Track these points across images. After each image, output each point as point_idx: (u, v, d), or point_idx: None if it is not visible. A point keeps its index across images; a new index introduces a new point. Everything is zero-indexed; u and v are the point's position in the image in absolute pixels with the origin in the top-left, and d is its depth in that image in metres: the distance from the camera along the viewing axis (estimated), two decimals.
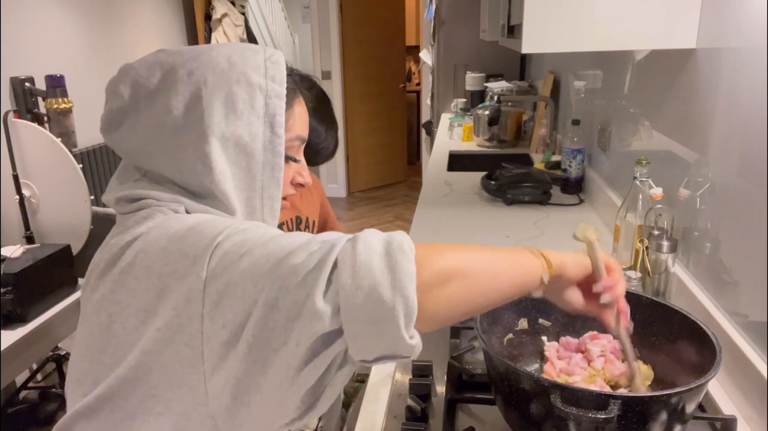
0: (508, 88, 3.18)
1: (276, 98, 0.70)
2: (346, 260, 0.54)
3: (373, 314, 0.53)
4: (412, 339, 0.55)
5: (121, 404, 0.60)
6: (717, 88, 1.12)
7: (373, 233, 0.58)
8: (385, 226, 4.71)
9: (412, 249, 0.56)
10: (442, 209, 2.04)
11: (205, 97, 0.66)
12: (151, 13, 3.74)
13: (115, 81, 0.71)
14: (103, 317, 0.63)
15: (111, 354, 0.61)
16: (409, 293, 0.53)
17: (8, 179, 1.72)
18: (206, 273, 0.57)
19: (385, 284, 0.53)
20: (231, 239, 0.59)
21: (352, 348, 0.55)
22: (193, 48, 0.71)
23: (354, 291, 0.53)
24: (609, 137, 1.86)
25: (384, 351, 0.55)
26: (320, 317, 0.53)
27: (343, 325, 0.54)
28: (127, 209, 0.69)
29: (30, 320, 1.52)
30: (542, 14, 1.25)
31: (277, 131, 0.70)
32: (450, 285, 0.58)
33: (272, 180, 0.71)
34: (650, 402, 0.72)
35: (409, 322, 0.54)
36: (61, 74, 1.95)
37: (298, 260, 0.55)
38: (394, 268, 0.54)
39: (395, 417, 0.95)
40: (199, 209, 0.68)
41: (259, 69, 0.70)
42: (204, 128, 0.66)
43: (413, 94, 6.32)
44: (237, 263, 0.57)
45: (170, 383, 0.59)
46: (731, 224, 1.07)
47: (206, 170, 0.66)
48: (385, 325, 0.53)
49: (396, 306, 0.53)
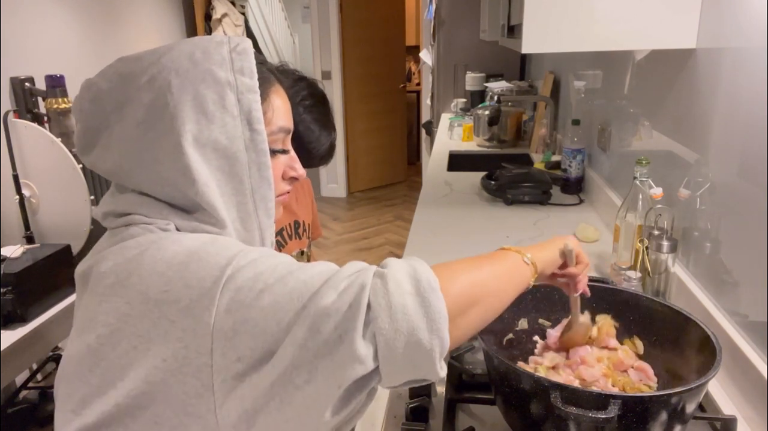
0: (508, 88, 3.17)
1: (248, 93, 0.65)
2: (381, 302, 0.55)
3: (412, 355, 0.55)
4: (443, 370, 0.59)
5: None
6: (717, 88, 1.12)
7: (397, 268, 0.58)
8: (385, 226, 4.71)
9: (438, 284, 0.57)
10: (442, 209, 2.04)
11: (171, 103, 0.61)
12: (151, 13, 3.74)
13: (78, 99, 0.67)
14: (91, 336, 0.60)
15: (99, 375, 0.59)
16: (444, 334, 0.56)
17: (8, 179, 1.72)
18: (216, 308, 0.55)
19: (422, 328, 0.55)
20: (243, 272, 0.57)
21: (384, 381, 0.57)
22: (153, 51, 0.66)
23: (393, 335, 0.54)
24: (609, 137, 1.86)
25: (413, 379, 0.59)
26: (362, 361, 0.54)
27: (380, 366, 0.55)
28: (114, 224, 0.66)
29: (30, 320, 1.52)
30: (542, 14, 1.25)
31: (256, 127, 0.65)
32: (470, 311, 0.62)
33: (262, 180, 0.67)
34: (650, 402, 0.72)
35: (442, 355, 0.57)
36: (61, 74, 1.95)
37: (328, 300, 0.54)
38: (429, 309, 0.55)
39: (395, 417, 0.95)
40: (190, 226, 0.64)
41: (225, 63, 0.64)
42: (177, 138, 0.61)
43: (413, 94, 6.32)
44: (256, 300, 0.55)
45: (176, 412, 0.57)
46: (731, 224, 1.07)
47: (188, 182, 0.62)
48: (421, 363, 0.56)
49: (434, 347, 0.56)
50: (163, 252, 0.60)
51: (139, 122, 0.62)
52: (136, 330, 0.58)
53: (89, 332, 0.61)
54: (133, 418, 0.58)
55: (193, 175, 0.62)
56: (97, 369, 0.59)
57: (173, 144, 0.62)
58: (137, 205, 0.65)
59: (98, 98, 0.65)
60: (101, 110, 0.65)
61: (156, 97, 0.62)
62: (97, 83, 0.66)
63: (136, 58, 0.66)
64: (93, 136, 0.66)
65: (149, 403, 0.57)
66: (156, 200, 0.65)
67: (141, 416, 0.58)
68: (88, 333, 0.61)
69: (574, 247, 0.83)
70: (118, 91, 0.64)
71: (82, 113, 0.66)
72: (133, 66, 0.65)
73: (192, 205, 0.64)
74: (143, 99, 0.63)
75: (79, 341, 0.62)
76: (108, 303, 0.60)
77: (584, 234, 1.67)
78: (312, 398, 0.54)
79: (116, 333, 0.58)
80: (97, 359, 0.59)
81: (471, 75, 3.66)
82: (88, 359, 0.60)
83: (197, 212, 0.65)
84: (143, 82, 0.63)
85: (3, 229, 1.81)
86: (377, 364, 0.55)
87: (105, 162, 0.67)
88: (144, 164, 0.63)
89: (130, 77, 0.64)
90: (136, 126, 0.63)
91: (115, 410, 0.58)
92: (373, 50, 5.40)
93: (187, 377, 0.56)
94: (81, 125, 0.67)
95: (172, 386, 0.56)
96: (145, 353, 0.57)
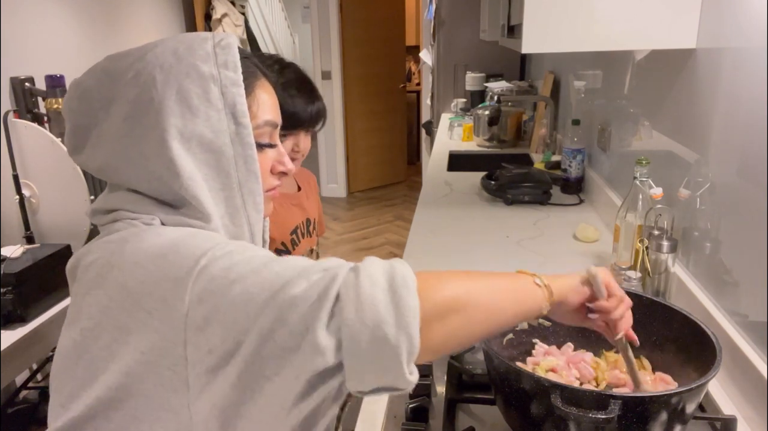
0: (508, 88, 3.17)
1: (232, 86, 0.65)
2: (350, 294, 0.53)
3: (377, 351, 0.52)
4: (411, 375, 0.55)
5: (103, 425, 0.58)
6: (717, 88, 1.12)
7: (374, 263, 0.56)
8: (385, 226, 4.72)
9: (414, 282, 0.55)
10: (442, 209, 2.04)
11: (156, 98, 0.62)
12: (151, 13, 3.74)
13: (67, 99, 0.67)
14: (76, 330, 0.61)
15: (84, 368, 0.59)
16: (413, 332, 0.53)
17: (8, 179, 1.72)
18: (189, 297, 0.55)
19: (389, 322, 0.52)
20: (217, 262, 0.56)
21: (350, 381, 0.54)
22: (139, 48, 0.67)
23: (358, 328, 0.52)
24: (609, 137, 1.86)
25: (382, 384, 0.55)
26: (322, 353, 0.52)
27: (344, 360, 0.53)
28: (102, 221, 0.67)
29: (30, 320, 1.52)
30: (542, 14, 1.25)
31: (241, 121, 0.65)
32: (450, 319, 0.58)
33: (248, 174, 0.66)
34: (650, 402, 0.72)
35: (410, 359, 0.54)
36: (61, 74, 1.95)
37: (297, 290, 0.53)
38: (399, 304, 0.53)
39: (395, 416, 0.95)
40: (175, 220, 0.64)
41: (209, 58, 0.65)
42: (161, 132, 0.62)
43: (413, 94, 6.31)
44: (227, 289, 0.54)
45: (153, 406, 0.57)
46: (731, 224, 1.07)
47: (173, 176, 0.62)
48: (387, 362, 0.53)
49: (400, 344, 0.52)
50: (143, 244, 0.60)
51: (126, 118, 0.63)
52: (116, 322, 0.58)
53: (75, 325, 0.61)
54: (114, 411, 0.58)
55: (178, 169, 0.62)
56: (81, 362, 0.60)
57: (158, 139, 0.62)
58: (124, 201, 0.66)
59: (86, 96, 0.66)
60: (89, 108, 0.65)
61: (141, 92, 0.63)
62: (84, 81, 0.66)
63: (122, 55, 0.66)
64: (82, 134, 0.66)
65: (127, 397, 0.57)
66: (143, 197, 0.65)
67: (121, 409, 0.58)
68: (74, 326, 0.61)
69: (602, 275, 0.75)
70: (105, 89, 0.65)
71: (71, 112, 0.67)
72: (119, 63, 0.66)
73: (178, 199, 0.64)
74: (129, 95, 0.63)
75: (67, 334, 0.62)
76: (91, 296, 0.60)
77: (584, 234, 1.67)
78: (279, 390, 0.53)
79: (98, 326, 0.59)
80: (81, 352, 0.60)
81: (471, 75, 3.66)
82: (74, 352, 0.60)
83: (183, 207, 0.65)
84: (129, 78, 0.64)
85: (3, 229, 1.81)
86: (340, 359, 0.53)
87: (95, 160, 0.67)
88: (131, 160, 0.64)
89: (116, 74, 0.65)
90: (122, 122, 0.63)
91: (96, 403, 0.58)
92: (373, 50, 5.40)
93: (163, 370, 0.56)
94: (70, 124, 0.67)
95: (149, 379, 0.56)
96: (125, 345, 0.57)
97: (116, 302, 0.58)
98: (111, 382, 0.57)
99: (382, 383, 0.55)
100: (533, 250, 1.63)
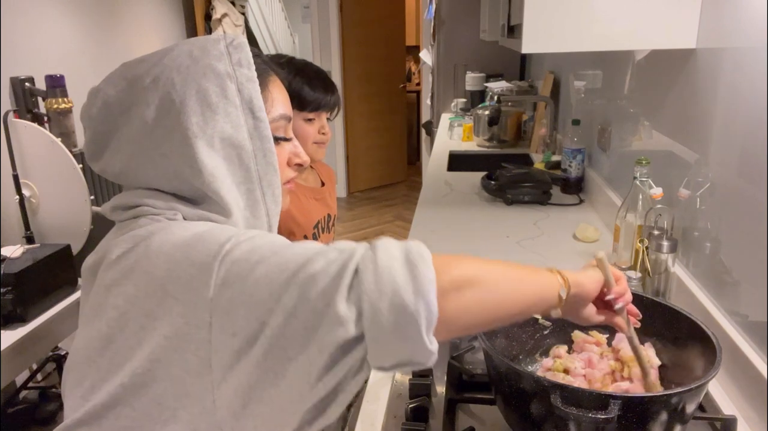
0: (508, 88, 3.17)
1: (248, 82, 0.68)
2: (368, 266, 0.54)
3: (396, 319, 0.53)
4: (432, 345, 0.56)
5: (126, 412, 0.59)
6: (717, 88, 1.12)
7: (389, 240, 0.58)
8: (385, 226, 4.72)
9: (430, 256, 0.57)
10: (442, 209, 2.04)
11: (176, 99, 0.64)
12: (151, 14, 3.74)
13: (86, 107, 0.69)
14: (101, 322, 0.62)
15: (109, 358, 0.61)
16: (431, 298, 0.54)
17: (8, 179, 1.72)
18: (214, 281, 0.56)
19: (407, 289, 0.53)
20: (240, 247, 0.58)
21: (371, 354, 0.55)
22: (154, 53, 0.70)
23: (377, 296, 0.53)
24: (609, 137, 1.86)
25: (403, 356, 0.56)
26: (343, 323, 0.53)
27: (365, 330, 0.54)
28: (123, 217, 0.68)
29: (30, 320, 1.52)
30: (542, 14, 1.25)
31: (258, 115, 0.68)
32: (466, 292, 0.59)
33: (268, 167, 0.69)
34: (650, 403, 0.72)
35: (429, 327, 0.55)
36: (61, 74, 1.95)
37: (317, 267, 0.55)
38: (415, 273, 0.54)
39: (395, 417, 0.95)
40: (196, 215, 0.66)
41: (223, 57, 0.67)
42: (184, 131, 0.64)
43: (413, 94, 6.31)
44: (250, 271, 0.56)
45: (177, 391, 0.58)
46: (731, 224, 1.07)
47: (195, 173, 0.65)
48: (407, 330, 0.54)
49: (419, 310, 0.53)
50: (170, 236, 0.62)
51: (147, 121, 0.65)
52: (143, 310, 0.59)
53: (99, 319, 0.62)
54: (138, 398, 0.59)
55: (200, 166, 0.64)
56: (106, 352, 0.61)
57: (181, 138, 0.64)
58: (145, 197, 0.67)
59: (107, 104, 0.68)
60: (110, 115, 0.67)
61: (161, 95, 0.65)
62: (104, 89, 0.68)
63: (138, 61, 0.69)
64: (103, 141, 0.69)
65: (152, 382, 0.58)
66: (163, 193, 0.68)
67: (145, 395, 0.59)
68: (98, 320, 0.62)
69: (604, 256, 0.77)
70: (125, 95, 0.67)
71: (91, 119, 0.69)
72: (135, 69, 0.68)
73: (199, 195, 0.67)
74: (149, 99, 0.65)
75: (89, 329, 0.63)
76: (117, 288, 0.62)
77: (584, 234, 1.67)
78: (302, 367, 0.54)
79: (125, 315, 0.60)
80: (107, 343, 0.61)
81: (471, 75, 3.66)
82: (98, 344, 0.62)
83: (204, 203, 0.67)
84: (147, 83, 0.66)
85: (3, 229, 1.81)
86: (361, 331, 0.54)
87: (114, 165, 0.69)
88: (152, 161, 0.66)
89: (134, 80, 0.67)
90: (143, 125, 0.66)
91: (121, 390, 0.59)
92: (373, 50, 5.40)
93: (187, 354, 0.57)
94: (90, 131, 0.69)
95: (173, 364, 0.57)
96: (151, 332, 0.58)
97: (143, 291, 0.60)
98: (136, 368, 0.59)
99: (404, 355, 0.56)
100: (533, 250, 1.63)
